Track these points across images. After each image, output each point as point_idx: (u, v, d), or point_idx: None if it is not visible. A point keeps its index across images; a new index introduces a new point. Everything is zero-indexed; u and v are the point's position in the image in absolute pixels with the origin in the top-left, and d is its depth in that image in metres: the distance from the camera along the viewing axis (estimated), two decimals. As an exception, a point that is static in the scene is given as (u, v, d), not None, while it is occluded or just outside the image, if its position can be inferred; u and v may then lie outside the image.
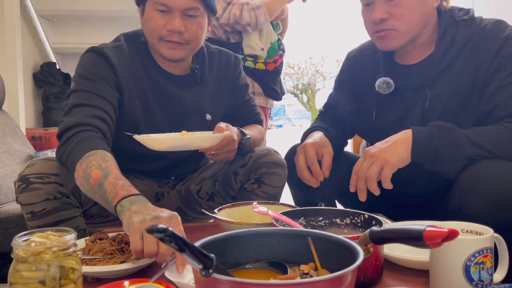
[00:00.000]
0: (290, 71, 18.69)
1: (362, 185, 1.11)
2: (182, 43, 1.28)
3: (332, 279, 0.52)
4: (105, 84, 1.24)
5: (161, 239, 0.49)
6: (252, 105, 1.56)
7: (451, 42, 1.20)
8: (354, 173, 1.14)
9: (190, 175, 1.50)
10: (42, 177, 1.15)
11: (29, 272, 0.66)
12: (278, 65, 2.18)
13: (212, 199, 1.46)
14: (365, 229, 0.72)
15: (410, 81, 1.25)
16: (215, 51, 1.48)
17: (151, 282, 0.80)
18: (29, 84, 3.10)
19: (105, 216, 1.36)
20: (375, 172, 1.08)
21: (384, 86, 1.27)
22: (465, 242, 0.77)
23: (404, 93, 1.27)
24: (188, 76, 1.40)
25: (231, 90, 1.49)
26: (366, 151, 1.13)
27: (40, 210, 1.14)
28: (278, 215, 0.94)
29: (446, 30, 1.21)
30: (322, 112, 1.56)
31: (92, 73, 1.25)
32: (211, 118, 1.45)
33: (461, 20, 1.21)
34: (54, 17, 3.40)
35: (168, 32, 1.26)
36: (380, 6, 1.18)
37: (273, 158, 1.37)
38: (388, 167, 1.08)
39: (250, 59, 2.11)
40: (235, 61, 1.49)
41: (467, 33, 1.19)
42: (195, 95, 1.41)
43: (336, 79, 1.53)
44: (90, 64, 1.27)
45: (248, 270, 0.68)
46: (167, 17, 1.25)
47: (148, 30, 1.29)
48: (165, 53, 1.29)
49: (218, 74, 1.46)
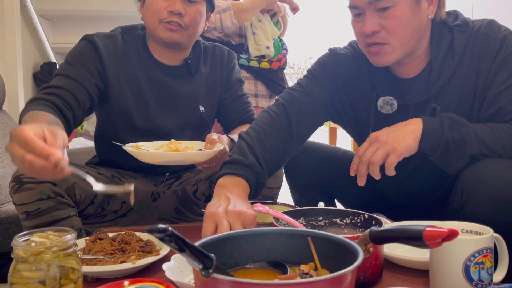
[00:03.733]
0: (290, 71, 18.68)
1: (363, 169, 1.07)
2: (181, 25, 1.34)
3: (332, 279, 0.52)
4: (83, 70, 1.31)
5: (161, 239, 0.49)
6: (245, 102, 1.57)
7: (448, 49, 1.15)
8: (356, 157, 1.09)
9: (186, 175, 1.50)
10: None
11: (29, 272, 0.66)
12: (282, 64, 2.19)
13: (209, 200, 1.45)
14: (365, 229, 0.72)
15: (413, 96, 1.18)
16: (209, 45, 1.54)
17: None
18: (29, 84, 3.10)
19: (102, 216, 1.36)
20: (380, 158, 1.04)
21: (388, 107, 1.20)
22: (465, 242, 0.77)
23: (407, 109, 1.19)
24: (182, 67, 1.45)
25: (223, 84, 1.52)
26: (372, 136, 1.08)
27: (34, 209, 1.14)
28: (278, 214, 0.94)
29: (440, 38, 1.16)
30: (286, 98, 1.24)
31: (75, 58, 1.33)
32: (204, 110, 1.48)
33: (455, 25, 1.16)
34: (54, 17, 3.40)
35: (169, 14, 1.32)
36: (371, 18, 1.10)
37: None
38: (394, 154, 1.04)
39: (255, 58, 2.11)
40: (228, 55, 1.54)
41: (463, 38, 1.14)
42: (189, 86, 1.45)
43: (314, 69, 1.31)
44: (77, 51, 1.35)
45: (248, 270, 0.68)
46: (168, 1, 1.32)
47: (149, 14, 1.35)
48: (164, 35, 1.34)
49: (211, 67, 1.51)
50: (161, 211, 1.47)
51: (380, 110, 1.21)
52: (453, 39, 1.14)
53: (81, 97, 1.27)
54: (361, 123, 1.29)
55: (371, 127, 1.23)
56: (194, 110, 1.46)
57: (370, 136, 1.09)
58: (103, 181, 1.34)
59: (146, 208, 1.44)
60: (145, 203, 1.43)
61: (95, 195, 1.30)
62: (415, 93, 1.17)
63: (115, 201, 1.36)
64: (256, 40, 2.10)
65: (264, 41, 2.10)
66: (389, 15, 1.08)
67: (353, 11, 1.14)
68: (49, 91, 1.24)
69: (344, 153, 1.50)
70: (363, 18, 1.12)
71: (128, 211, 1.41)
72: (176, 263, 0.88)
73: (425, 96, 1.16)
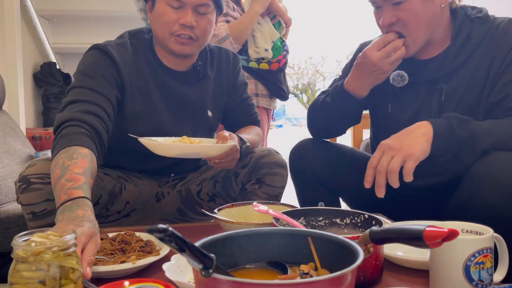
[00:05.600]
0: (290, 71, 18.67)
1: (382, 180, 1.06)
2: (192, 38, 1.30)
3: (332, 279, 0.52)
4: (104, 81, 1.25)
5: (161, 239, 0.49)
6: (250, 104, 1.57)
7: (467, 38, 1.22)
8: (370, 168, 1.09)
9: (190, 176, 1.50)
10: (43, 177, 1.14)
11: (29, 272, 0.66)
12: (282, 65, 2.19)
13: (213, 200, 1.46)
14: (365, 229, 0.72)
15: (425, 75, 1.26)
16: (215, 48, 1.50)
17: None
18: (29, 84, 3.10)
19: (106, 217, 1.37)
20: (398, 165, 1.04)
21: (398, 79, 1.26)
22: (465, 242, 0.77)
23: (419, 87, 1.27)
24: (190, 72, 1.42)
25: (230, 88, 1.51)
26: (383, 145, 1.09)
27: (41, 210, 1.14)
28: (278, 214, 0.94)
29: (461, 27, 1.23)
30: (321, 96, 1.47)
31: (92, 70, 1.26)
32: (212, 114, 1.46)
33: (476, 17, 1.23)
34: (54, 17, 3.40)
35: (180, 27, 1.28)
36: (388, 12, 1.20)
37: (274, 158, 1.37)
38: (411, 159, 1.04)
39: (254, 59, 2.11)
40: (234, 59, 1.52)
41: (482, 30, 1.21)
42: (197, 92, 1.42)
43: (346, 66, 1.49)
44: (91, 62, 1.28)
45: (248, 270, 0.68)
46: (179, 13, 1.28)
47: (160, 24, 1.30)
48: (175, 48, 1.31)
49: (218, 71, 1.48)
50: (163, 212, 1.47)
51: (392, 82, 1.28)
52: (472, 29, 1.22)
53: (110, 112, 1.24)
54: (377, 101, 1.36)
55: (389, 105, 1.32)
56: (202, 116, 1.44)
57: (380, 145, 1.10)
58: (108, 181, 1.34)
59: (149, 208, 1.44)
60: (148, 203, 1.43)
61: (100, 195, 1.30)
62: (427, 72, 1.25)
63: (119, 202, 1.36)
64: (255, 43, 2.10)
65: (263, 44, 2.10)
66: (403, 8, 1.18)
67: (373, 4, 1.25)
68: (84, 108, 1.17)
69: (351, 151, 1.50)
70: (381, 10, 1.22)
71: (131, 212, 1.41)
72: (176, 263, 0.88)
73: (436, 75, 1.24)
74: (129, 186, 1.38)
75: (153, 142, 1.18)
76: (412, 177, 1.05)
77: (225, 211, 1.18)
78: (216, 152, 1.19)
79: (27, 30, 3.08)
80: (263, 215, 1.06)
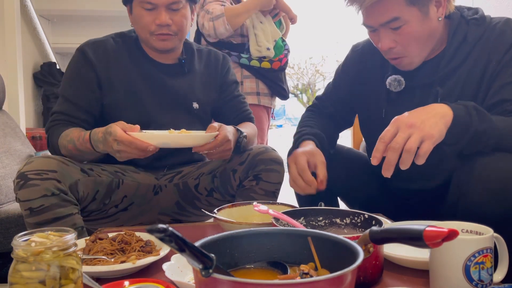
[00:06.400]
0: (290, 71, 18.67)
1: (394, 157, 0.95)
2: (170, 34, 1.39)
3: (332, 279, 0.52)
4: (84, 89, 1.40)
5: (161, 239, 0.49)
6: (242, 101, 1.61)
7: (463, 40, 1.20)
8: (382, 143, 0.98)
9: (187, 169, 1.51)
10: (40, 173, 1.16)
11: (29, 272, 0.66)
12: (283, 64, 2.19)
13: (211, 194, 1.47)
14: (365, 229, 0.72)
15: (420, 78, 1.24)
16: (204, 49, 1.60)
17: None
18: (29, 84, 3.10)
19: (104, 212, 1.37)
20: (416, 145, 0.94)
21: (395, 83, 1.25)
22: (465, 242, 0.77)
23: (414, 90, 1.25)
24: (176, 65, 1.51)
25: (219, 85, 1.57)
26: (399, 120, 0.98)
27: (38, 206, 1.15)
28: (278, 214, 0.94)
29: (457, 29, 1.20)
30: (316, 104, 1.52)
31: (73, 78, 1.42)
32: (198, 106, 1.51)
33: (472, 19, 1.21)
34: (54, 17, 3.40)
35: (157, 27, 1.37)
36: (385, 35, 1.16)
37: (270, 155, 1.40)
38: (430, 141, 0.94)
39: (256, 58, 2.12)
40: (223, 59, 1.60)
41: (478, 31, 1.19)
42: (183, 83, 1.49)
43: (337, 70, 1.49)
44: (73, 67, 1.43)
45: (248, 270, 0.68)
46: (154, 13, 1.37)
47: (139, 27, 1.41)
48: (157, 45, 1.41)
49: (206, 68, 1.56)
50: (162, 206, 1.48)
51: (388, 87, 1.27)
52: (468, 31, 1.19)
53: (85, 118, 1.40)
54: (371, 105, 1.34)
55: (383, 110, 1.29)
56: (188, 107, 1.50)
57: (395, 120, 0.99)
58: (106, 176, 1.36)
59: (148, 202, 1.45)
60: (146, 196, 1.44)
61: (97, 190, 1.31)
62: (422, 75, 1.23)
63: (116, 195, 1.37)
64: (257, 41, 2.10)
65: (264, 43, 2.10)
66: (402, 32, 1.15)
67: (368, 27, 1.20)
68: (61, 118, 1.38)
69: (348, 151, 1.50)
70: (378, 33, 1.18)
71: (129, 205, 1.41)
72: (176, 263, 0.88)
73: (431, 78, 1.21)
74: (127, 180, 1.40)
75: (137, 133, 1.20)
76: (425, 160, 0.96)
77: (225, 211, 1.18)
78: (195, 142, 1.22)
79: (27, 30, 3.08)
80: (263, 215, 1.06)
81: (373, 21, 1.16)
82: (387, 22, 1.14)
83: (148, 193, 1.45)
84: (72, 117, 1.39)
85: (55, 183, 1.17)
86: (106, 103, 1.42)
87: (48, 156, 1.25)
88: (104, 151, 1.25)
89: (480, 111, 1.03)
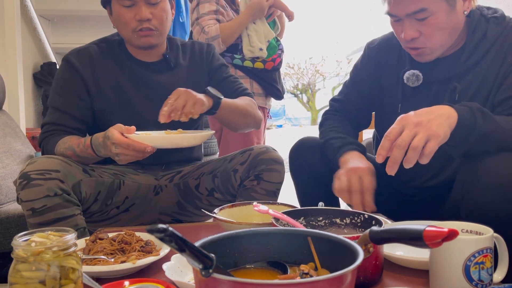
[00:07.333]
0: (290, 71, 18.69)
1: (400, 155, 0.95)
2: (152, 29, 1.40)
3: (332, 279, 0.52)
4: (74, 98, 1.41)
5: (161, 239, 0.49)
6: (233, 81, 1.60)
7: (482, 37, 1.20)
8: (388, 141, 0.97)
9: (187, 169, 1.51)
10: (43, 173, 1.16)
11: (29, 272, 0.66)
12: (277, 64, 2.19)
13: (212, 194, 1.47)
14: (365, 229, 0.72)
15: (438, 74, 1.23)
16: (188, 42, 1.61)
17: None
18: (29, 84, 3.10)
19: (106, 213, 1.37)
20: (422, 143, 0.94)
21: (414, 78, 1.25)
22: (465, 242, 0.77)
23: (431, 85, 1.25)
24: (161, 62, 1.52)
25: (207, 73, 1.58)
26: (404, 118, 0.98)
27: (40, 206, 1.15)
28: (278, 214, 0.94)
29: (477, 26, 1.21)
30: (334, 105, 1.49)
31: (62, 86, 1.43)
32: None
33: (492, 17, 1.22)
34: (54, 17, 3.41)
35: (138, 22, 1.38)
36: (410, 25, 1.16)
37: (271, 155, 1.40)
38: (436, 140, 0.94)
39: (249, 59, 2.12)
40: (207, 47, 1.61)
41: (497, 29, 1.20)
42: (170, 79, 1.50)
43: (354, 68, 1.49)
44: (60, 77, 1.45)
45: (248, 270, 0.68)
46: (133, 9, 1.38)
47: (121, 25, 1.41)
48: (140, 42, 1.41)
49: (192, 61, 1.57)
50: (163, 206, 1.48)
51: (406, 82, 1.26)
52: (488, 29, 1.20)
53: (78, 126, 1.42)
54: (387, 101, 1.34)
55: (399, 105, 1.29)
56: None
57: (401, 118, 0.99)
58: (107, 177, 1.36)
59: (148, 202, 1.45)
60: (147, 197, 1.44)
61: (99, 191, 1.31)
62: (440, 71, 1.23)
63: (118, 196, 1.37)
64: (250, 42, 2.11)
65: (257, 43, 2.11)
66: (427, 23, 1.14)
67: (393, 17, 1.19)
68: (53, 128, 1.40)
69: None
70: (402, 23, 1.18)
71: (130, 206, 1.42)
72: (176, 263, 0.88)
73: (449, 74, 1.21)
74: (128, 181, 1.40)
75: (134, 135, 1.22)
76: (429, 159, 0.96)
77: (225, 211, 1.18)
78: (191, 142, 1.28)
79: (27, 30, 3.08)
80: (263, 215, 1.06)
81: (400, 11, 1.15)
82: (414, 13, 1.13)
83: (148, 194, 1.45)
84: (64, 126, 1.40)
85: (58, 183, 1.17)
86: (97, 108, 1.44)
87: (50, 156, 1.25)
88: (106, 155, 1.26)
89: (484, 112, 1.02)
